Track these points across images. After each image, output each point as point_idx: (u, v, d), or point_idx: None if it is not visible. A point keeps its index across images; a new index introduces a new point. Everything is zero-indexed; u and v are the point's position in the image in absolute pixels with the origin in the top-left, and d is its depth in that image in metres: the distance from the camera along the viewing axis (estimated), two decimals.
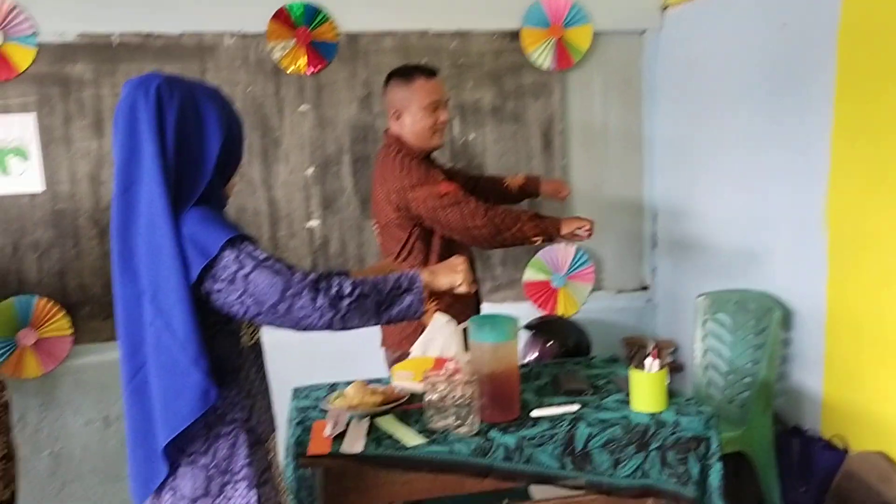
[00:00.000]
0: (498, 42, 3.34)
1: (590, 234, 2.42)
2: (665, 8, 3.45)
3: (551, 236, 2.41)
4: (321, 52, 3.17)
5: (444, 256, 2.48)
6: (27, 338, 2.98)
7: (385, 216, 2.49)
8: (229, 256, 1.43)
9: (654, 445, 1.97)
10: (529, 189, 2.80)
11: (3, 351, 2.95)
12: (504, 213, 2.35)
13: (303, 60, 3.15)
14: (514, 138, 3.42)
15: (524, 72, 3.38)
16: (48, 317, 3.00)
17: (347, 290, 1.48)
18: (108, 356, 3.00)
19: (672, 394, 2.13)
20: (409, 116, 2.44)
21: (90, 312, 3.08)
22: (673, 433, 1.98)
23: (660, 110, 3.54)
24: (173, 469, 1.49)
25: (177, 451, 1.48)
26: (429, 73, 2.47)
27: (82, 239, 3.04)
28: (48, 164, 2.98)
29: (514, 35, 3.34)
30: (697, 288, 3.16)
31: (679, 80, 3.39)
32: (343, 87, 3.23)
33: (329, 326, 1.48)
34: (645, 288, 3.68)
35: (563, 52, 3.37)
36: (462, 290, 1.70)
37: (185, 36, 3.05)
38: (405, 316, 1.56)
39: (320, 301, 1.45)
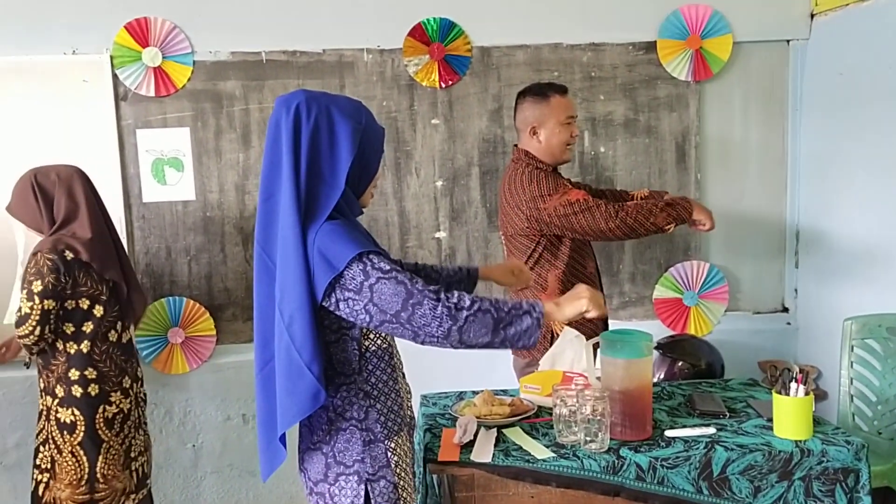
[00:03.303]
0: (632, 54, 3.28)
1: (708, 230, 2.58)
2: (813, 16, 3.29)
3: (684, 221, 2.53)
4: (454, 66, 3.23)
5: (571, 266, 2.52)
6: (176, 336, 3.19)
7: (513, 226, 2.57)
8: (357, 268, 1.51)
9: (798, 475, 1.87)
10: None
11: (155, 347, 3.17)
12: (635, 211, 2.44)
13: (436, 74, 3.22)
14: (647, 152, 3.35)
15: (659, 84, 3.30)
16: (195, 317, 3.20)
17: (467, 302, 1.53)
18: (247, 357, 3.15)
19: (817, 422, 2.02)
20: (546, 131, 2.55)
21: (232, 315, 3.25)
22: (820, 462, 1.87)
23: (805, 123, 3.36)
24: (303, 453, 1.66)
25: (301, 438, 1.67)
26: (561, 90, 2.60)
27: (227, 245, 3.23)
28: (199, 175, 3.19)
29: (650, 46, 3.27)
30: (843, 311, 2.97)
31: (827, 91, 3.21)
32: (474, 101, 3.27)
33: (447, 336, 1.52)
34: (785, 310, 3.50)
35: (701, 62, 3.27)
36: (591, 315, 1.71)
37: (326, 53, 3.19)
38: (520, 338, 1.57)
39: (440, 310, 1.50)
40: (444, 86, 3.24)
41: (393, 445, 1.65)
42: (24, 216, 2.49)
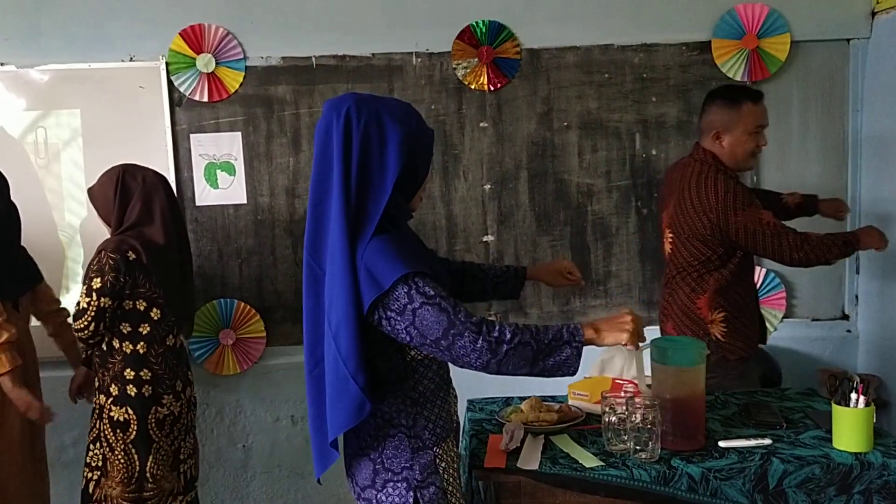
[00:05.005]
0: (686, 54, 3.22)
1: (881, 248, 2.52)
2: (874, 14, 3.18)
3: (851, 254, 2.53)
4: (503, 69, 3.21)
5: (735, 275, 2.51)
6: (227, 338, 3.24)
7: (692, 229, 2.49)
8: (401, 290, 1.50)
9: (857, 488, 1.80)
10: (807, 208, 2.85)
11: (206, 349, 3.23)
12: (818, 245, 2.42)
13: (485, 77, 3.20)
14: None
15: (713, 84, 3.19)
16: (246, 319, 3.25)
17: (508, 336, 1.51)
18: (296, 359, 3.19)
19: (878, 433, 1.94)
20: (731, 138, 2.48)
21: (282, 317, 3.29)
22: (880, 476, 1.80)
23: (866, 124, 3.25)
24: (349, 458, 1.66)
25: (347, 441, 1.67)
26: (755, 96, 2.51)
27: (278, 248, 3.26)
28: (251, 178, 3.23)
29: (704, 46, 3.21)
30: None
31: (889, 91, 3.09)
32: (523, 104, 3.24)
33: (485, 367, 1.52)
34: (845, 317, 3.38)
35: (757, 62, 3.19)
36: (627, 348, 1.68)
37: (375, 57, 3.21)
38: (560, 368, 1.56)
39: (480, 343, 1.49)
40: (492, 89, 3.22)
41: (441, 452, 1.64)
42: (100, 204, 2.56)
